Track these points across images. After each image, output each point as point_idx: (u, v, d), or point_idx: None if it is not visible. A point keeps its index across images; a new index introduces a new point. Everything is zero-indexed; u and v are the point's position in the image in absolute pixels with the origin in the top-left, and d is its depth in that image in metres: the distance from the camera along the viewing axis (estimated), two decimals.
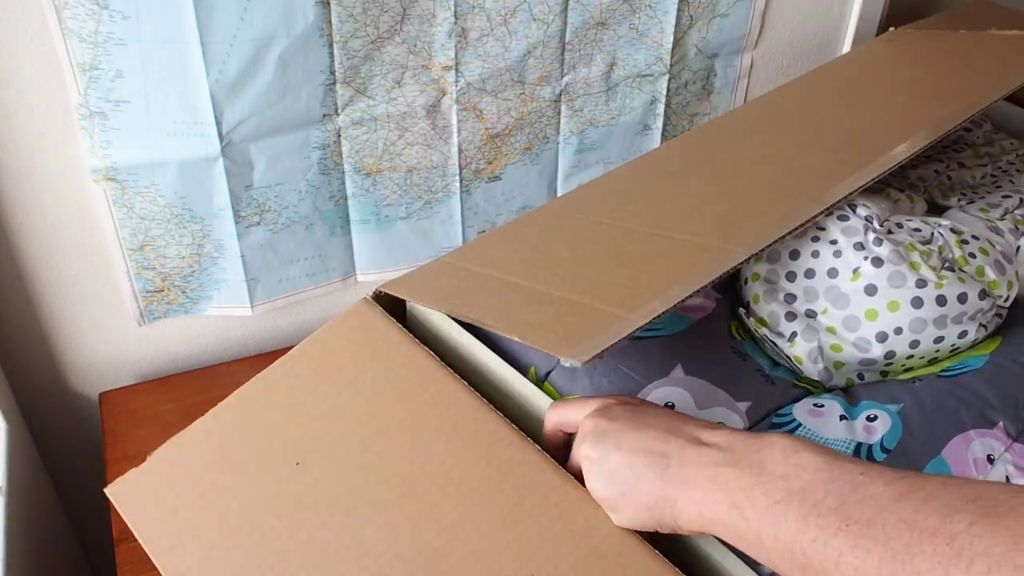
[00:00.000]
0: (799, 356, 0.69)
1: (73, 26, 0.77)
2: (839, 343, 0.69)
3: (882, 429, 0.62)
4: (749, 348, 0.69)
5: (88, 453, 1.06)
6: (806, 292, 0.70)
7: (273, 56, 0.84)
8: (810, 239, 0.70)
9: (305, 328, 1.07)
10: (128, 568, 0.82)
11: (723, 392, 0.64)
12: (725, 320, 0.70)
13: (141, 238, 0.91)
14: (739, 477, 0.48)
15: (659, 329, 0.66)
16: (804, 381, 0.69)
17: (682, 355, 0.65)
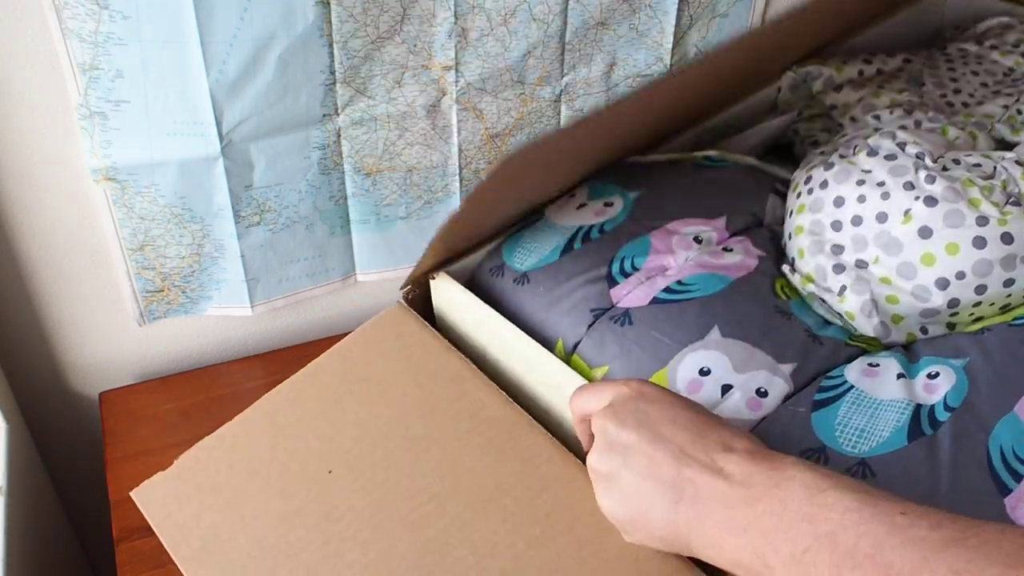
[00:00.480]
0: (851, 311, 0.62)
1: (73, 26, 0.77)
2: (895, 294, 0.62)
3: (945, 386, 0.55)
4: (795, 307, 0.63)
5: (88, 453, 1.06)
6: (854, 241, 0.63)
7: (273, 56, 0.84)
8: (855, 183, 0.63)
9: (305, 328, 1.07)
10: (128, 568, 0.82)
11: (764, 354, 0.58)
12: (768, 278, 0.64)
13: (141, 238, 0.91)
14: (759, 520, 0.43)
15: (693, 290, 0.61)
16: (858, 339, 0.63)
17: (719, 316, 0.60)
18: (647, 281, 0.63)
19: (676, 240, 0.65)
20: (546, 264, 0.66)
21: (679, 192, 0.68)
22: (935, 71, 0.82)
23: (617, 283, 0.63)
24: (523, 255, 0.68)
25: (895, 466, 0.52)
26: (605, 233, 0.67)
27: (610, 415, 0.51)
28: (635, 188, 0.69)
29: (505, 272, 0.67)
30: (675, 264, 0.64)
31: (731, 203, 0.68)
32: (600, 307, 0.63)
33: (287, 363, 1.02)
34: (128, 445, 0.93)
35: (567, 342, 0.63)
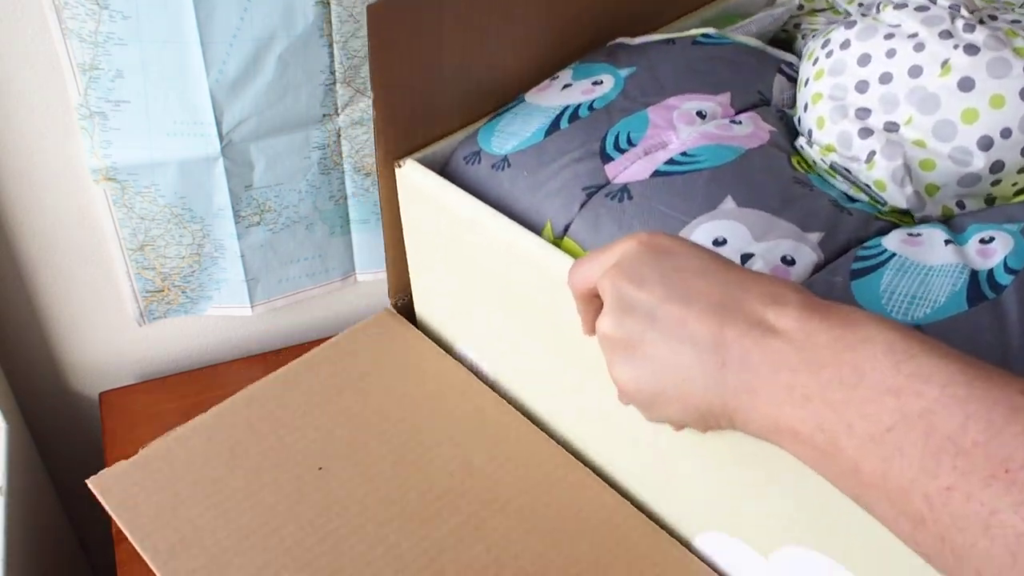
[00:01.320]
0: (880, 179, 0.55)
1: (73, 26, 0.77)
2: (931, 158, 0.55)
3: (1002, 250, 0.49)
4: (816, 181, 0.57)
5: (88, 453, 1.06)
6: (883, 101, 0.56)
7: (273, 56, 0.84)
8: (882, 37, 0.56)
9: (305, 328, 1.07)
10: (128, 568, 0.82)
11: (787, 223, 0.51)
12: (784, 153, 0.57)
13: (141, 238, 0.91)
14: (827, 389, 0.34)
15: (700, 160, 0.54)
16: (889, 215, 0.56)
17: (731, 186, 0.53)
18: (646, 156, 0.56)
19: (677, 115, 0.58)
20: (529, 146, 0.59)
21: (677, 69, 0.61)
22: None
23: (612, 159, 0.56)
24: (502, 139, 0.60)
25: (957, 333, 0.45)
26: (595, 111, 0.58)
27: (623, 273, 0.41)
28: (627, 66, 0.61)
29: (482, 158, 0.60)
30: (677, 139, 0.57)
31: (735, 80, 0.61)
32: (594, 184, 0.55)
33: (287, 363, 1.02)
34: (128, 445, 0.93)
35: (556, 224, 0.56)
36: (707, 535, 0.53)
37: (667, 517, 0.56)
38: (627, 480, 0.58)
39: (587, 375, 0.53)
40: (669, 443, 0.51)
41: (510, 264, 0.55)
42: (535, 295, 0.54)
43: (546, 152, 0.58)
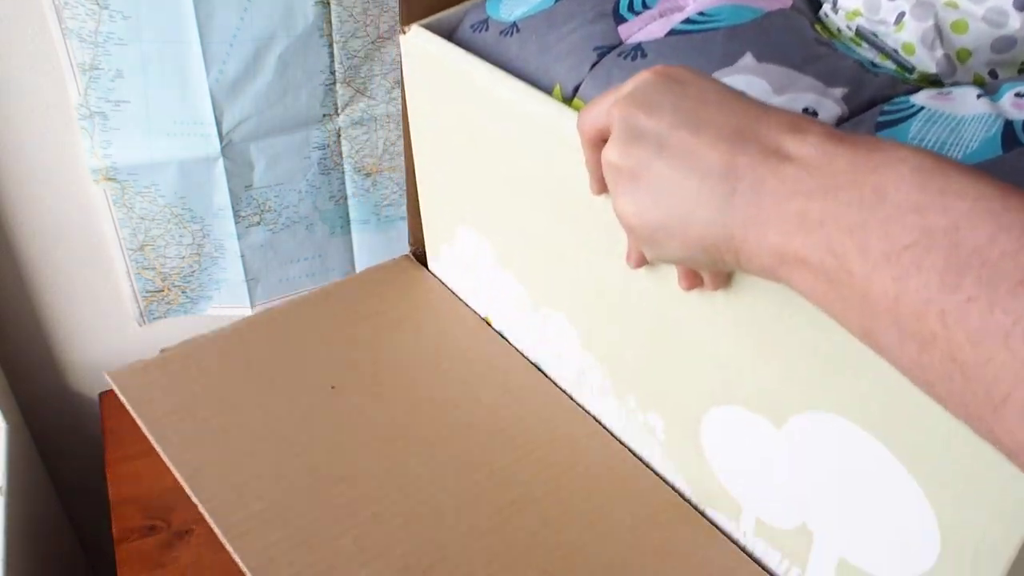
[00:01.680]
0: (909, 42, 0.52)
1: (73, 26, 0.77)
2: (963, 18, 0.51)
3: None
4: (840, 47, 0.54)
5: (88, 453, 1.06)
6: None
7: (273, 56, 0.84)
8: None
9: None
10: (128, 568, 0.82)
11: (809, 78, 0.49)
12: (805, 18, 0.54)
13: (141, 238, 0.91)
14: (843, 212, 0.32)
15: (718, 19, 0.52)
16: (917, 81, 0.53)
17: (751, 43, 0.50)
18: (661, 17, 0.54)
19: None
20: (539, 11, 0.56)
21: None
22: None
23: (626, 20, 0.54)
24: (512, 5, 0.58)
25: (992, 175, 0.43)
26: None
27: (634, 100, 0.39)
28: None
29: (490, 25, 0.58)
30: (693, 1, 0.54)
31: None
32: (606, 44, 0.53)
33: None
34: (128, 445, 0.93)
35: (565, 86, 0.53)
36: (717, 410, 0.50)
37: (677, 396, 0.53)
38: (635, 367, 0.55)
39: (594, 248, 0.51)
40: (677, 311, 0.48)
41: (518, 129, 0.52)
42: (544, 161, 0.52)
43: (556, 15, 0.55)
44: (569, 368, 0.60)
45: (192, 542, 0.84)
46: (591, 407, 0.60)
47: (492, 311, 0.64)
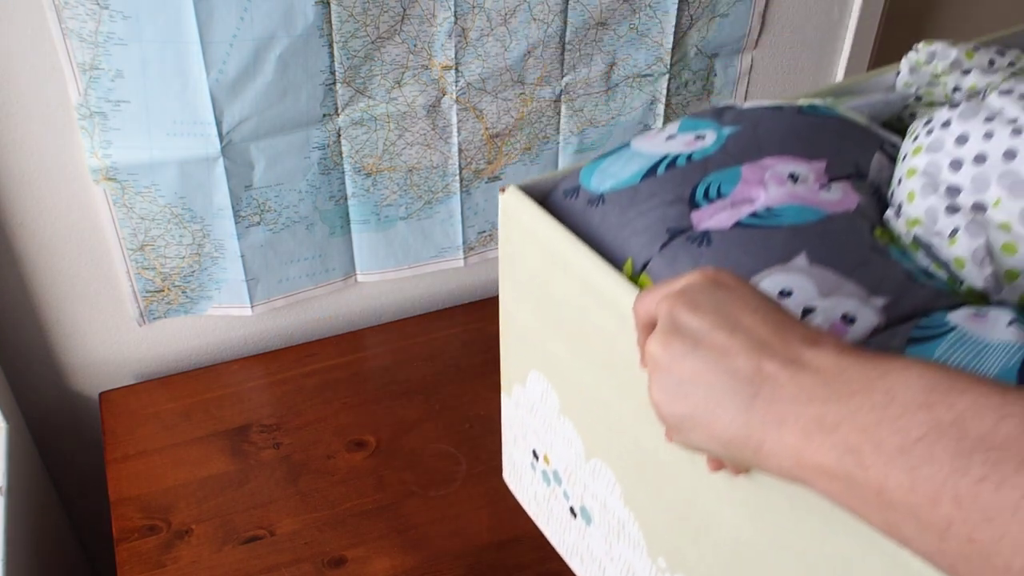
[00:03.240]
0: (961, 257, 0.56)
1: (73, 26, 0.77)
2: (1014, 242, 0.55)
3: None
4: (895, 253, 0.57)
5: (88, 453, 1.06)
6: (974, 181, 0.57)
7: (273, 56, 0.84)
8: (982, 120, 0.58)
9: (305, 328, 1.07)
10: (128, 568, 0.82)
11: (854, 284, 0.52)
12: (868, 221, 0.58)
13: (141, 238, 0.91)
14: (856, 414, 0.35)
15: (782, 217, 0.56)
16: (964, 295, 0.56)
17: (808, 243, 0.54)
18: (732, 208, 0.58)
19: (770, 174, 0.59)
20: (626, 187, 0.61)
21: (778, 131, 0.63)
22: None
23: (700, 207, 0.58)
24: (602, 178, 0.63)
25: None
26: (693, 162, 0.61)
27: (681, 299, 0.43)
28: (731, 125, 0.64)
29: (580, 194, 0.63)
30: (765, 195, 0.58)
31: (834, 148, 0.62)
32: (678, 227, 0.58)
33: (287, 363, 1.02)
34: (128, 445, 0.93)
35: (637, 260, 0.58)
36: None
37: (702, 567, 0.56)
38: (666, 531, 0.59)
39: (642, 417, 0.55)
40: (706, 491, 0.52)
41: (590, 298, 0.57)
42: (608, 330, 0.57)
43: (639, 194, 0.60)
44: (613, 518, 0.63)
45: (192, 542, 0.84)
46: (626, 557, 0.64)
47: (551, 451, 0.69)
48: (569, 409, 0.65)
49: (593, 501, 0.65)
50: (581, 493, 0.67)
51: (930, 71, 0.74)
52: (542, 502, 0.73)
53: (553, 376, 0.66)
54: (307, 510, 0.86)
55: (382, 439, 0.94)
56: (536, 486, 0.73)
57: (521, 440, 0.73)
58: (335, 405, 0.97)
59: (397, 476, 0.90)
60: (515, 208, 0.62)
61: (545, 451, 0.70)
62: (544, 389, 0.67)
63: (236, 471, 0.90)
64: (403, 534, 0.85)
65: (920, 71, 0.74)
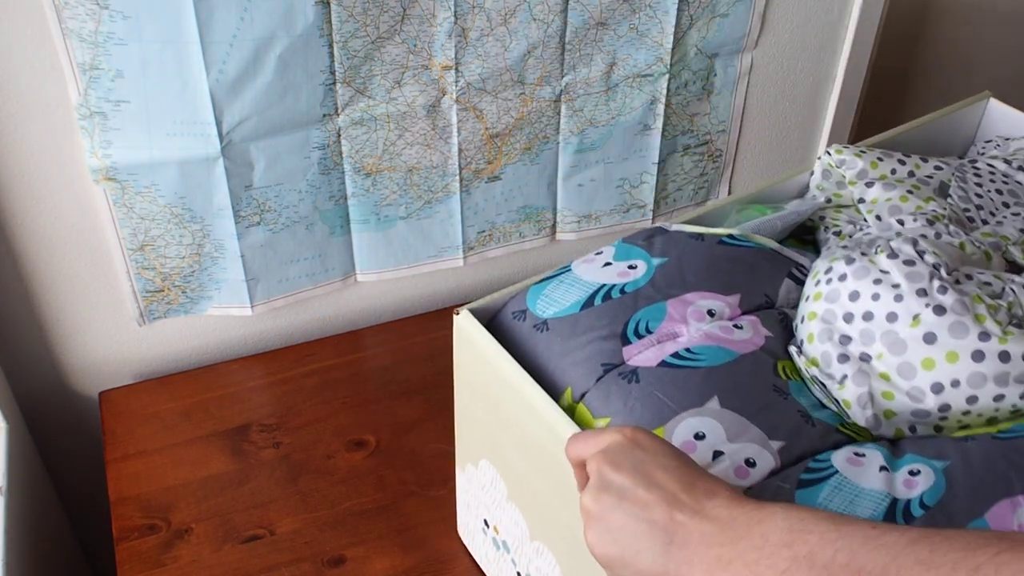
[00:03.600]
0: (848, 400, 0.67)
1: (73, 26, 0.77)
2: (891, 391, 0.66)
3: (924, 484, 0.59)
4: (793, 388, 0.67)
5: (88, 453, 1.06)
6: (862, 335, 0.68)
7: (273, 56, 0.84)
8: (872, 281, 0.68)
9: (305, 328, 1.07)
10: (128, 568, 0.82)
11: (757, 429, 0.62)
12: (772, 358, 0.68)
13: (141, 238, 0.91)
14: (742, 554, 0.47)
15: (700, 359, 0.66)
16: (849, 428, 0.66)
17: (719, 387, 0.64)
18: (658, 344, 0.67)
19: (691, 311, 0.69)
20: (566, 315, 0.70)
21: (699, 265, 0.73)
22: (963, 184, 0.85)
23: (630, 343, 0.67)
24: (546, 304, 0.72)
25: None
26: (626, 294, 0.71)
27: (606, 458, 0.54)
28: (659, 255, 0.74)
29: (527, 317, 0.71)
30: (687, 333, 0.68)
31: (747, 282, 0.73)
32: (611, 363, 0.66)
33: (287, 363, 1.02)
34: (128, 445, 0.93)
35: (575, 390, 0.67)
36: None
37: None
38: None
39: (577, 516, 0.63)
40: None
41: (529, 415, 0.66)
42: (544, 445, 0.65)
43: (579, 324, 0.69)
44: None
45: (192, 542, 0.84)
46: None
47: (500, 525, 0.77)
48: (515, 497, 0.73)
49: (537, 573, 0.74)
50: (527, 565, 0.75)
51: (840, 175, 0.86)
52: (493, 562, 0.81)
53: (501, 467, 0.73)
54: (307, 510, 0.86)
55: (382, 439, 0.94)
56: (487, 548, 0.81)
57: (473, 508, 0.81)
58: (335, 405, 0.97)
59: (397, 476, 0.90)
60: (467, 330, 0.69)
61: (495, 523, 0.78)
62: (494, 476, 0.75)
63: (236, 471, 0.90)
64: (403, 534, 0.85)
65: (832, 174, 0.87)
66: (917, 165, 0.87)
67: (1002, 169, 0.89)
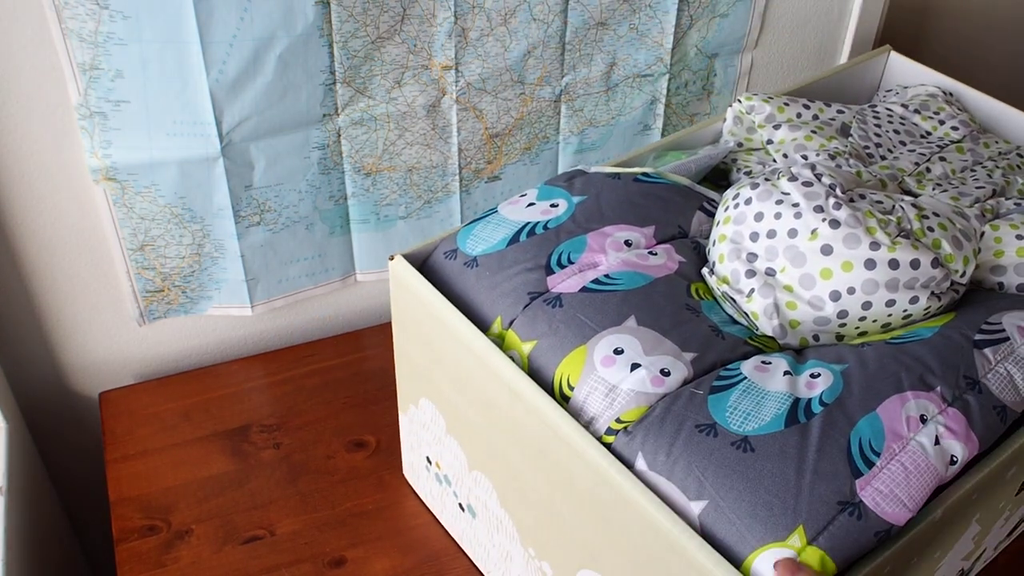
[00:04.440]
0: (755, 311, 0.72)
1: (73, 26, 0.77)
2: (794, 300, 0.71)
3: (823, 385, 0.64)
4: (705, 307, 0.72)
5: (88, 453, 1.06)
6: (767, 251, 0.73)
7: (273, 56, 0.84)
8: (774, 202, 0.74)
9: (305, 328, 1.07)
10: (128, 568, 0.82)
11: (671, 343, 0.67)
12: (686, 281, 0.73)
13: (141, 238, 0.91)
14: None
15: (618, 284, 0.71)
16: (758, 340, 0.71)
17: (636, 307, 0.69)
18: (579, 273, 0.72)
19: (609, 241, 0.74)
20: (494, 251, 0.74)
21: (617, 201, 0.78)
22: (863, 125, 0.93)
23: (554, 272, 0.72)
24: (475, 242, 0.76)
25: (771, 445, 0.60)
26: (548, 230, 0.75)
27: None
28: (579, 194, 0.78)
29: (457, 256, 0.75)
30: (605, 261, 0.73)
31: (661, 215, 0.78)
32: (536, 291, 0.71)
33: (287, 363, 1.02)
34: (128, 445, 0.93)
35: (504, 319, 0.71)
36: (584, 572, 0.67)
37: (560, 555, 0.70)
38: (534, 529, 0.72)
39: (510, 442, 0.69)
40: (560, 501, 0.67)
41: (460, 347, 0.70)
42: (475, 375, 0.70)
43: (506, 259, 0.73)
44: (492, 516, 0.77)
45: (192, 542, 0.84)
46: (504, 546, 0.77)
47: (441, 460, 0.81)
48: (454, 430, 0.77)
49: (477, 501, 0.78)
50: (467, 494, 0.79)
51: (751, 120, 0.92)
52: (436, 497, 0.85)
53: (439, 403, 0.78)
54: (307, 510, 0.86)
55: (382, 439, 0.94)
56: (431, 484, 0.85)
57: (416, 448, 0.85)
58: (335, 405, 0.97)
59: (397, 476, 0.90)
60: (402, 273, 0.74)
61: (437, 459, 0.82)
62: (433, 413, 0.79)
63: (236, 471, 0.90)
64: (403, 534, 0.85)
65: (743, 120, 0.92)
66: (821, 109, 0.93)
67: (899, 112, 0.97)
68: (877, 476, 0.58)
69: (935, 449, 0.60)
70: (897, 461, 0.59)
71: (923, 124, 0.96)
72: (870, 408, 0.62)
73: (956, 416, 0.62)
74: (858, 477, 0.58)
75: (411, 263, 0.74)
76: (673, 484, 0.59)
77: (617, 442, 0.62)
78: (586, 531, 0.65)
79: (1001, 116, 1.01)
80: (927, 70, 1.04)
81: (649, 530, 0.58)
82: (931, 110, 0.97)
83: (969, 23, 1.46)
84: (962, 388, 0.64)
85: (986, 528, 0.74)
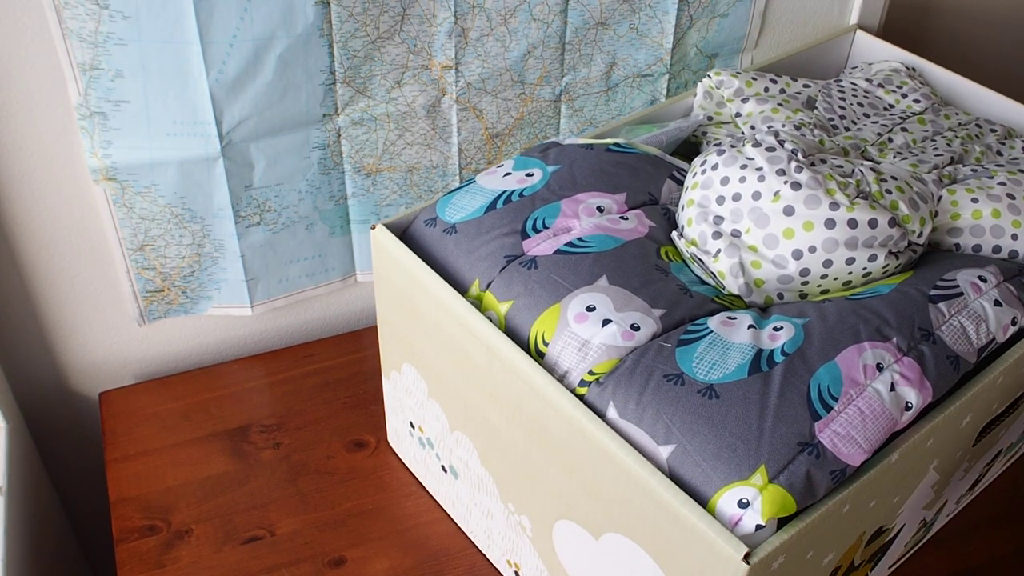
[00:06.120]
0: (722, 271, 0.75)
1: (73, 26, 0.77)
2: (759, 260, 0.74)
3: (785, 336, 0.68)
4: (674, 268, 0.76)
5: (88, 453, 1.06)
6: (732, 213, 0.76)
7: (273, 56, 0.84)
8: (739, 166, 0.77)
9: (305, 328, 1.07)
10: (128, 568, 0.82)
11: (641, 300, 0.70)
12: (655, 244, 0.77)
13: (141, 238, 0.91)
14: None
15: (590, 246, 0.74)
16: (725, 299, 0.75)
17: (608, 268, 0.72)
18: (553, 237, 0.75)
19: (582, 207, 0.77)
20: (472, 218, 0.77)
21: (589, 170, 0.81)
22: (828, 98, 0.96)
23: (529, 237, 0.75)
24: (453, 210, 0.79)
25: (735, 392, 0.63)
26: (524, 197, 0.78)
27: None
28: (554, 164, 0.81)
29: (437, 224, 0.78)
30: (578, 226, 0.76)
31: (632, 183, 0.81)
32: (512, 254, 0.74)
33: (287, 363, 1.02)
34: (128, 445, 0.93)
35: (482, 282, 0.74)
36: (561, 521, 0.71)
37: (538, 508, 0.73)
38: (513, 484, 0.75)
39: (490, 401, 0.72)
40: (536, 454, 0.70)
41: (441, 312, 0.73)
42: (456, 337, 0.73)
43: (483, 225, 0.77)
44: (474, 475, 0.80)
45: (192, 542, 0.84)
46: (485, 504, 0.80)
47: (424, 424, 0.84)
48: (435, 393, 0.80)
49: (459, 462, 0.81)
50: (449, 455, 0.83)
51: (720, 95, 0.96)
52: (420, 461, 0.89)
53: (421, 368, 0.81)
54: (307, 510, 0.86)
55: (382, 439, 0.94)
56: (414, 449, 0.89)
57: (400, 414, 0.89)
58: (335, 405, 0.97)
59: (397, 476, 0.90)
60: (383, 241, 0.77)
61: (419, 423, 0.85)
62: (415, 377, 0.83)
63: (236, 471, 0.90)
64: (403, 534, 0.85)
65: (713, 95, 0.97)
66: (788, 84, 0.98)
67: (863, 86, 1.01)
68: (835, 419, 0.61)
69: (890, 395, 0.63)
70: (854, 406, 0.62)
71: (886, 97, 1.00)
72: (829, 357, 0.65)
73: (911, 365, 0.65)
74: (817, 420, 0.61)
75: (393, 232, 0.77)
76: (642, 430, 0.62)
77: (590, 393, 0.65)
78: (561, 482, 0.68)
79: (962, 89, 1.05)
80: (892, 47, 1.08)
81: (620, 475, 0.61)
82: (894, 84, 1.01)
83: (970, 21, 1.46)
84: (917, 339, 0.67)
85: (945, 478, 0.77)
